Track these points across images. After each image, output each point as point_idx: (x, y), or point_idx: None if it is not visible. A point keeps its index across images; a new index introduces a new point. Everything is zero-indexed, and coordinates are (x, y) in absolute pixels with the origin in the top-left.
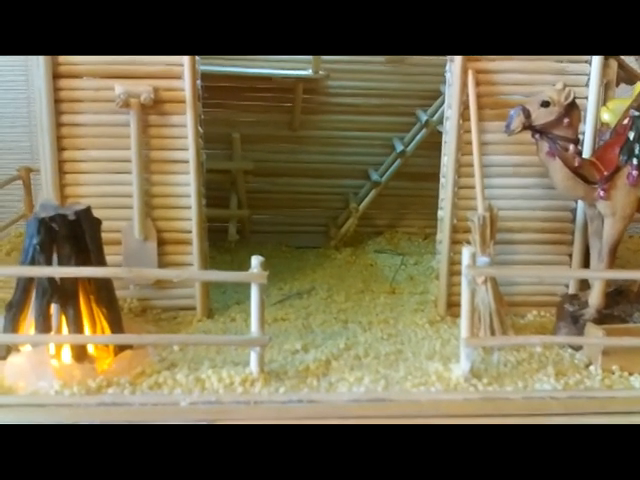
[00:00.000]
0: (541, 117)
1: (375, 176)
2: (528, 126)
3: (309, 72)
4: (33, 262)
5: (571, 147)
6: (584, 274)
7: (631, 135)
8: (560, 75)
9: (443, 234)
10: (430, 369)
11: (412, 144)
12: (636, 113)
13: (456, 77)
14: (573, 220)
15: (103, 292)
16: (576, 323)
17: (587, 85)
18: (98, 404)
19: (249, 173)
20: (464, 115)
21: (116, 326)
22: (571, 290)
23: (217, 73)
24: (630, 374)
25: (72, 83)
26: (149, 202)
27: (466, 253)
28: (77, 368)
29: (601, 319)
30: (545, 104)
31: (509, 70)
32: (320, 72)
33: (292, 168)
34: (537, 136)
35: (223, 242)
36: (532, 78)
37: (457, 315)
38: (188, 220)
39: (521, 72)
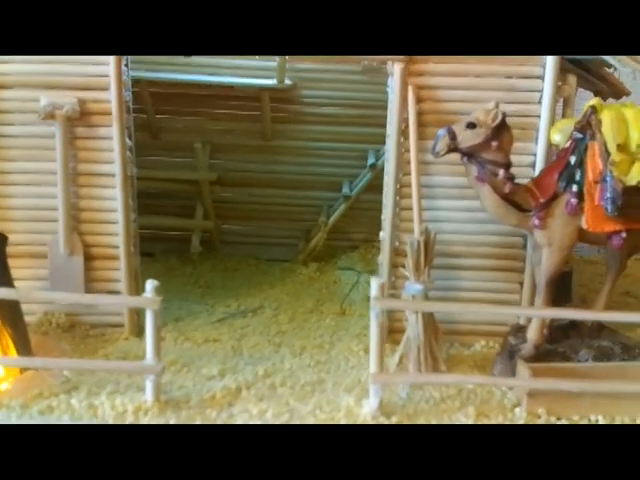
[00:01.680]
0: (467, 139)
1: (345, 189)
2: (454, 148)
3: (273, 81)
4: None
5: (501, 172)
6: (511, 310)
7: (572, 159)
8: (510, 92)
9: (384, 256)
10: (342, 403)
11: (384, 156)
12: (579, 135)
13: (396, 92)
14: (525, 246)
15: (6, 311)
16: (512, 359)
17: (540, 102)
18: None
19: (216, 184)
20: (405, 133)
21: (22, 345)
22: (523, 320)
23: (177, 81)
24: (558, 418)
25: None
26: (77, 216)
27: (374, 284)
28: None
29: (542, 355)
30: (471, 125)
31: (454, 86)
32: (286, 82)
33: (266, 179)
34: (465, 159)
35: (188, 253)
36: (480, 95)
37: (398, 342)
38: (115, 235)
39: (468, 88)
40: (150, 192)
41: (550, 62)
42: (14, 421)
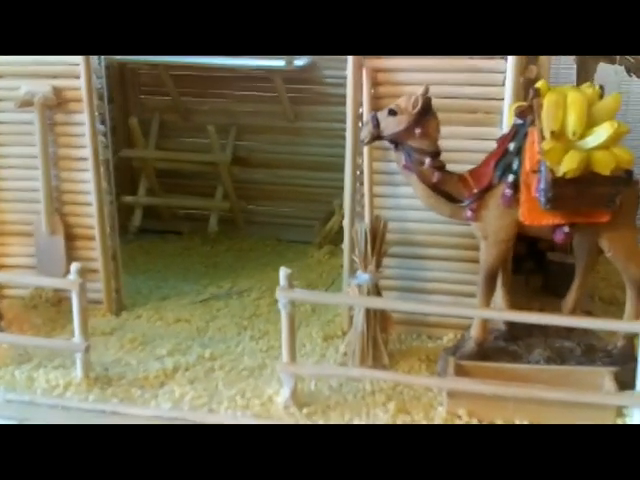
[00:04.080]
0: (390, 127)
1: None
2: (377, 136)
3: (282, 63)
4: None
5: (427, 160)
6: (448, 310)
7: (511, 146)
8: (473, 73)
9: (345, 243)
10: (267, 391)
11: None
12: (519, 121)
13: (350, 75)
14: None
15: None
16: (454, 354)
17: (504, 84)
18: None
19: (237, 164)
20: (362, 117)
21: None
22: None
23: (177, 63)
24: (479, 421)
25: None
26: (58, 198)
27: (281, 274)
28: None
29: (490, 353)
30: (392, 112)
31: (413, 69)
32: (296, 63)
33: (291, 160)
34: (393, 147)
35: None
36: (440, 77)
37: None
38: (91, 217)
39: (426, 70)
40: (182, 173)
41: None
42: None
